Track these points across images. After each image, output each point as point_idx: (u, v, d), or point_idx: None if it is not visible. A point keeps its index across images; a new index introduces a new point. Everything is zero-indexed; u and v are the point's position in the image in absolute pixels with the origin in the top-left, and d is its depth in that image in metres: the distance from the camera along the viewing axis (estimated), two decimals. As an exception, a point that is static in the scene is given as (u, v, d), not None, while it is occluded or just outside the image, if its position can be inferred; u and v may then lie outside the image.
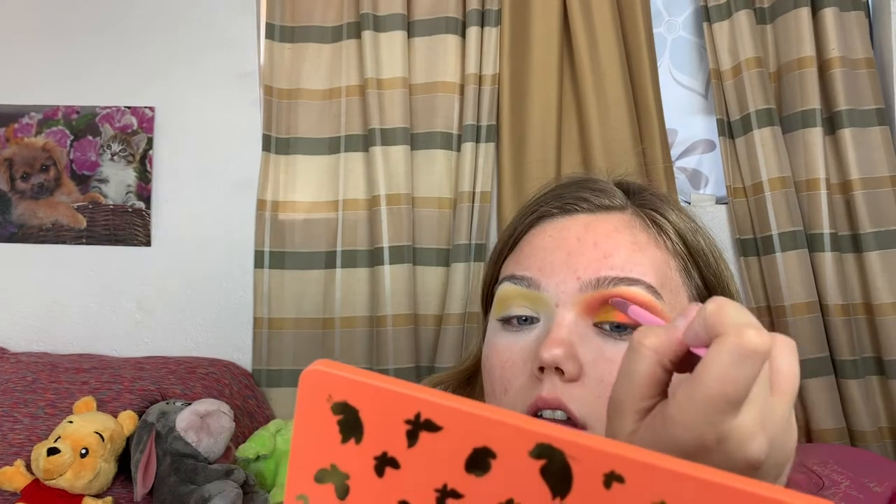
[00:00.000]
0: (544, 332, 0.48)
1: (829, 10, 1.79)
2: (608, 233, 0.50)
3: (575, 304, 0.48)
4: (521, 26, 1.89)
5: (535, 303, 0.49)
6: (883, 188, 1.77)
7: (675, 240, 0.52)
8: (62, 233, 2.00)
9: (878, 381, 1.78)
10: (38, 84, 2.03)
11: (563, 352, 0.46)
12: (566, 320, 0.47)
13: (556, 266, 0.49)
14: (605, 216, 0.51)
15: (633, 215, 0.52)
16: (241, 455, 1.57)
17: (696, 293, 0.52)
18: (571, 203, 0.52)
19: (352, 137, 1.92)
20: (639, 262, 0.49)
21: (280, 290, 1.91)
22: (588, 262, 0.48)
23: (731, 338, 0.29)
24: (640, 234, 0.51)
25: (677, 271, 0.51)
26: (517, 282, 0.50)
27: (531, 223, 0.53)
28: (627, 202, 0.53)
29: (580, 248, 0.49)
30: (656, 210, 0.53)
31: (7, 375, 1.72)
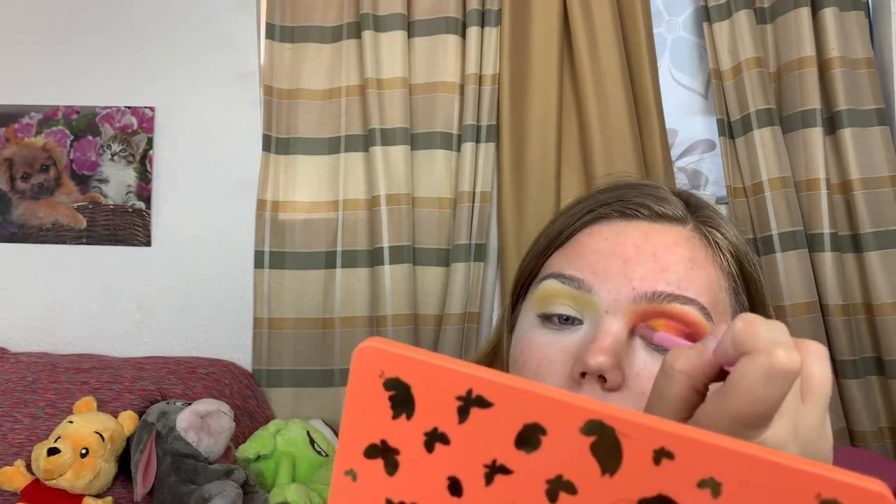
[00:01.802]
0: (589, 337, 0.47)
1: (829, 10, 1.79)
2: (668, 245, 0.48)
3: (625, 314, 0.46)
4: (521, 26, 1.89)
5: (583, 305, 0.48)
6: (883, 188, 1.77)
7: (730, 261, 0.51)
8: (62, 233, 2.00)
9: (878, 381, 1.78)
10: (38, 84, 2.03)
11: (610, 361, 0.45)
12: (614, 328, 0.46)
13: (610, 272, 0.47)
14: (665, 227, 0.50)
15: (692, 230, 0.50)
16: (242, 455, 1.57)
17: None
18: (632, 208, 0.50)
19: (352, 137, 1.92)
20: (694, 281, 0.47)
21: (280, 290, 1.91)
22: (645, 273, 0.47)
23: (761, 356, 0.29)
24: (699, 251, 0.49)
25: (727, 292, 0.50)
26: (566, 281, 0.49)
27: (586, 222, 0.51)
28: (688, 215, 0.51)
29: (638, 257, 0.48)
30: (717, 228, 0.51)
31: (7, 375, 1.72)
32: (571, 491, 0.24)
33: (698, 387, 0.32)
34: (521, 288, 0.55)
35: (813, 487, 0.22)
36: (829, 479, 0.22)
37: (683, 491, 0.23)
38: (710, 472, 0.23)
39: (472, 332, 1.82)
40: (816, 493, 0.22)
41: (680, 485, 0.23)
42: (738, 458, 0.23)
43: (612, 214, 0.51)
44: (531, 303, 0.51)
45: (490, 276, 1.91)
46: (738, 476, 0.23)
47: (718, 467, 0.23)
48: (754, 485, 0.23)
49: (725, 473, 0.23)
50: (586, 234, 0.51)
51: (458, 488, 0.25)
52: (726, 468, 0.23)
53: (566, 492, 0.24)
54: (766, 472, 0.23)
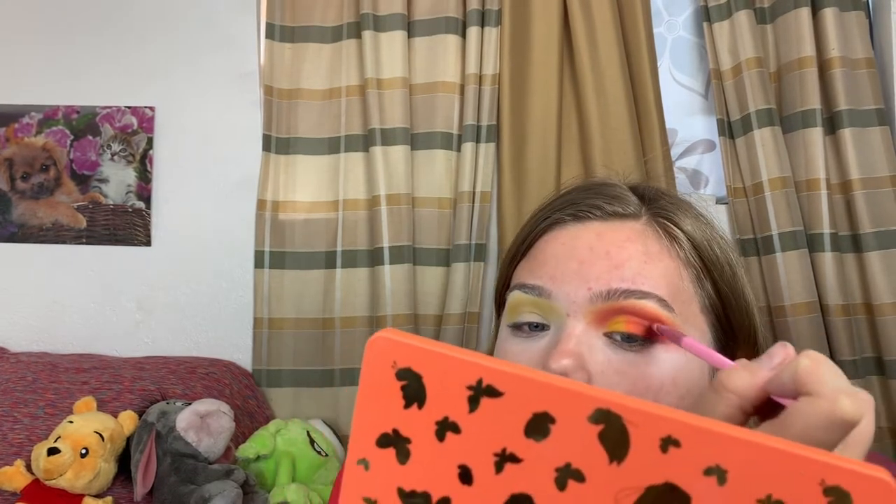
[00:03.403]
0: (554, 341, 0.48)
1: (830, 10, 1.79)
2: (620, 242, 0.49)
3: (585, 315, 0.48)
4: (521, 26, 1.89)
5: (546, 311, 0.50)
6: (883, 188, 1.77)
7: (688, 250, 0.51)
8: (62, 233, 2.00)
9: (878, 381, 1.78)
10: (38, 84, 2.03)
11: (572, 363, 0.46)
12: (576, 330, 0.48)
13: (567, 276, 0.49)
14: (618, 224, 0.51)
15: (646, 224, 0.51)
16: (242, 455, 1.57)
17: (709, 302, 0.51)
18: (584, 210, 0.51)
19: (352, 137, 1.92)
20: (650, 275, 0.48)
21: (280, 290, 1.91)
22: (599, 273, 0.48)
23: (824, 402, 0.29)
24: (653, 244, 0.50)
25: (689, 281, 0.50)
26: (528, 291, 0.50)
27: (544, 229, 0.53)
28: (642, 209, 0.52)
29: (592, 257, 0.49)
30: (670, 219, 0.52)
31: (7, 375, 1.72)
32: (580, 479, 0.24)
33: (746, 408, 0.32)
34: (499, 298, 0.57)
35: (817, 474, 0.23)
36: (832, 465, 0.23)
37: (690, 478, 0.24)
38: (716, 460, 0.24)
39: (472, 332, 1.82)
40: (820, 479, 0.23)
41: (686, 472, 0.24)
42: (743, 445, 0.23)
43: (565, 219, 0.52)
44: (504, 314, 0.53)
45: (490, 275, 1.91)
46: (744, 463, 0.23)
47: (724, 455, 0.24)
48: (759, 472, 0.23)
49: (731, 461, 0.23)
50: (544, 241, 0.52)
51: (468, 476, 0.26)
52: (732, 456, 0.24)
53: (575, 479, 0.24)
54: (771, 460, 0.23)
